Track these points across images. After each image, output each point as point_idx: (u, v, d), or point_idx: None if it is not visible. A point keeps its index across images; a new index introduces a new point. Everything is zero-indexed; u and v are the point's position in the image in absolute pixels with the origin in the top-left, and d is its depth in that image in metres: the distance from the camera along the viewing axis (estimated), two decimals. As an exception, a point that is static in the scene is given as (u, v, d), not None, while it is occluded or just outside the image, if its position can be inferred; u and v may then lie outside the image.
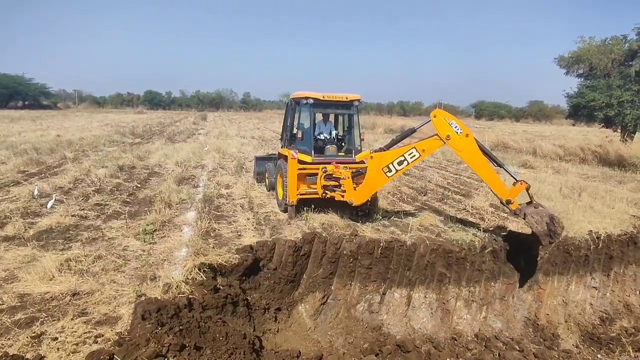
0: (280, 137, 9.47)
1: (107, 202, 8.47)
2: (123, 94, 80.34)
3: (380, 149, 7.28)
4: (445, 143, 6.76)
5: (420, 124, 7.61)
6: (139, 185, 10.19)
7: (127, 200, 8.86)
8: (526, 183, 6.79)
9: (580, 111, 20.57)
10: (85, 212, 7.76)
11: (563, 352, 6.76)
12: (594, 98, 19.26)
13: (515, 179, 6.88)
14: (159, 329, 3.67)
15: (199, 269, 5.21)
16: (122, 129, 24.95)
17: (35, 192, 8.50)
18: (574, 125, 22.50)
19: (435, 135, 6.86)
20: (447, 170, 14.55)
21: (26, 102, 61.50)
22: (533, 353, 6.55)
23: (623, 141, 19.61)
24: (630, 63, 19.37)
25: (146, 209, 8.15)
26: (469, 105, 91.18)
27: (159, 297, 4.48)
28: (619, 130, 20.95)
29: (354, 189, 7.38)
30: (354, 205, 7.45)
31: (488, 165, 6.85)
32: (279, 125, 9.72)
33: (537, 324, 7.24)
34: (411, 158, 6.97)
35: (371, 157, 7.19)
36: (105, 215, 7.65)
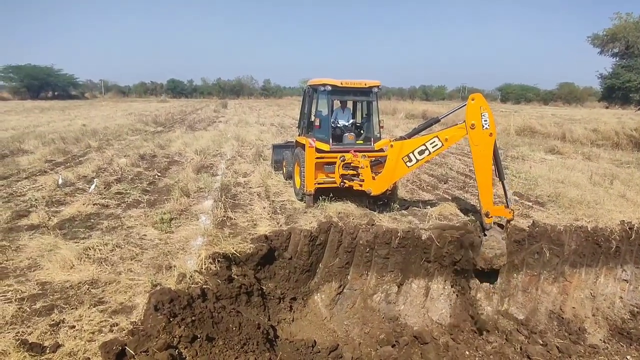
0: (297, 124, 9.35)
1: (128, 191, 8.62)
2: (147, 83, 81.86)
3: (402, 138, 7.04)
4: (467, 132, 6.45)
5: (447, 112, 7.37)
6: (159, 174, 10.34)
7: (147, 189, 9.00)
8: (513, 213, 6.64)
9: (614, 93, 19.48)
10: (106, 200, 7.93)
11: (589, 347, 6.50)
12: (629, 79, 18.18)
13: (508, 204, 6.62)
14: (171, 320, 3.69)
15: (214, 259, 5.22)
16: (145, 118, 25.40)
17: (60, 181, 8.74)
18: (607, 108, 21.32)
19: (462, 122, 6.55)
20: (469, 157, 14.07)
21: (56, 93, 63.51)
22: (557, 347, 6.33)
23: (661, 124, 18.47)
24: (672, 40, 18.10)
25: (165, 197, 8.25)
26: (495, 89, 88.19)
27: (173, 288, 4.51)
28: (657, 113, 19.75)
29: (373, 178, 7.22)
30: (372, 194, 7.30)
31: (489, 173, 6.57)
32: (297, 112, 9.61)
33: (562, 318, 6.97)
34: (433, 147, 6.68)
35: (391, 145, 6.97)
36: (125, 204, 7.79)
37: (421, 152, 6.72)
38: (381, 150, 7.98)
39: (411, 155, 6.76)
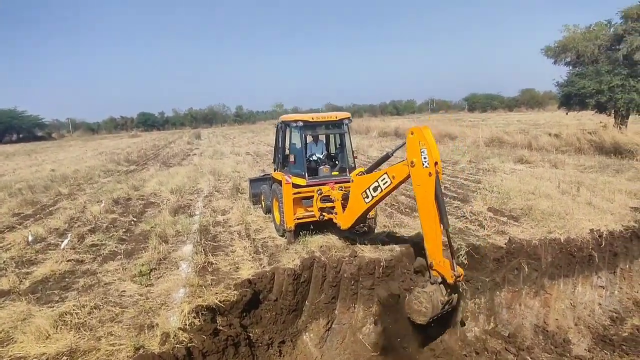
0: (272, 159, 9.40)
1: (103, 242, 8.38)
2: (116, 118, 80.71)
3: (362, 173, 6.81)
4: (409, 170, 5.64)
5: (395, 147, 6.64)
6: (135, 219, 10.11)
7: (123, 237, 8.77)
8: (457, 278, 5.39)
9: (572, 100, 20.53)
10: (80, 255, 7.67)
11: (575, 358, 6.63)
12: (584, 85, 19.22)
13: (453, 266, 5.38)
14: (157, 390, 3.57)
15: (197, 313, 5.11)
16: (116, 157, 24.93)
17: (30, 238, 8.41)
18: (567, 114, 22.42)
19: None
20: (443, 173, 14.43)
21: (21, 135, 61.67)
22: (545, 362, 6.44)
23: (617, 126, 19.56)
24: (618, 47, 19.36)
25: (142, 246, 8.05)
26: (462, 99, 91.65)
27: (157, 350, 4.38)
28: (612, 115, 20.91)
29: (343, 211, 7.23)
30: (341, 229, 7.30)
31: (435, 218, 5.37)
32: (272, 138, 9.67)
33: (547, 331, 7.12)
34: (384, 184, 6.11)
35: (351, 180, 6.94)
36: (101, 257, 7.56)
37: (375, 189, 6.29)
38: (358, 179, 8.08)
39: (367, 191, 6.38)
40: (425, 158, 5.30)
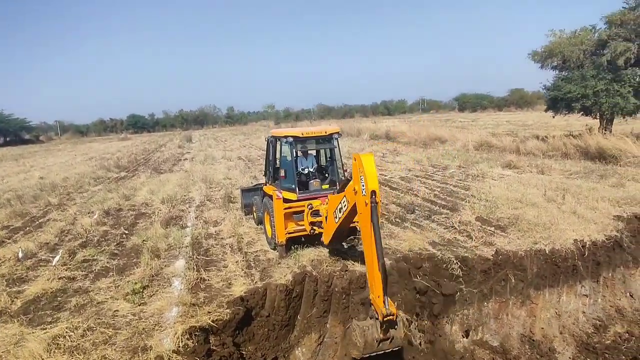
0: (264, 172, 9.48)
1: (95, 257, 8.38)
2: (106, 120, 79.61)
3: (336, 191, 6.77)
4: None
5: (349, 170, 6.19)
6: (127, 232, 10.10)
7: (115, 251, 8.78)
8: (388, 320, 4.93)
9: (558, 103, 20.89)
10: (72, 272, 7.67)
11: (560, 366, 6.85)
12: (570, 90, 19.57)
13: (386, 306, 4.87)
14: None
15: (190, 334, 5.18)
16: (106, 162, 24.72)
17: (20, 255, 8.38)
18: (554, 117, 22.82)
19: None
20: (433, 179, 14.68)
21: (7, 139, 60.67)
22: (531, 372, 6.63)
23: (602, 130, 19.96)
24: (602, 52, 19.75)
25: (135, 261, 8.08)
26: (452, 99, 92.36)
27: (151, 375, 4.45)
28: (598, 118, 21.33)
29: None
30: (325, 244, 7.43)
31: (374, 251, 5.00)
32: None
33: (533, 340, 7.32)
34: (344, 207, 6.02)
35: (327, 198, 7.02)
36: (93, 274, 7.57)
37: (340, 210, 6.22)
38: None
39: (336, 211, 6.37)
40: (363, 186, 5.11)
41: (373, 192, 4.96)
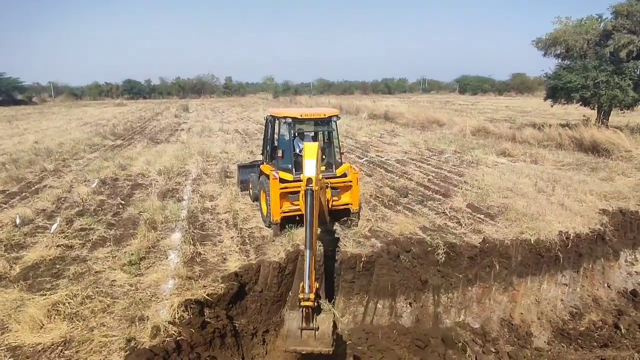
0: (261, 151, 9.56)
1: (92, 226, 8.52)
2: (101, 84, 78.11)
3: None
4: None
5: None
6: (123, 202, 10.22)
7: (112, 221, 8.92)
8: (301, 305, 4.81)
9: (557, 93, 20.88)
10: (70, 240, 7.82)
11: (535, 350, 7.24)
12: (570, 80, 19.54)
13: (305, 292, 4.83)
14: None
15: (186, 307, 5.41)
16: (102, 129, 24.53)
17: (18, 221, 8.49)
18: (552, 106, 22.84)
19: None
20: (428, 163, 14.83)
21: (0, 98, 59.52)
22: (507, 353, 7.01)
23: (598, 122, 20.08)
24: (606, 43, 19.61)
25: (131, 231, 8.25)
26: (453, 80, 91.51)
27: (148, 344, 4.69)
28: (596, 109, 21.41)
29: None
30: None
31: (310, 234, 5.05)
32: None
33: (512, 324, 7.70)
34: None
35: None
36: (90, 243, 7.73)
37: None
38: (344, 175, 8.35)
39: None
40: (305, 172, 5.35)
41: (309, 180, 5.22)
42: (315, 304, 4.91)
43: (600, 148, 15.15)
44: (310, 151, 5.53)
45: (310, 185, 5.21)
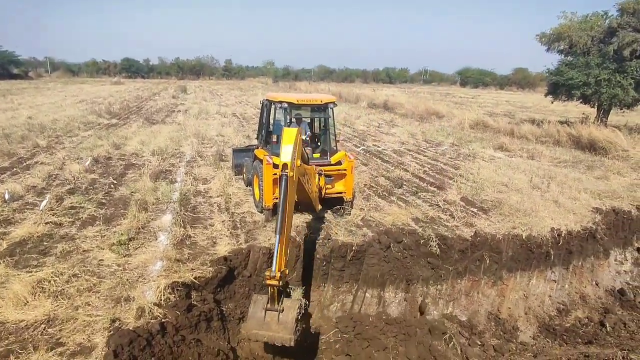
0: (256, 135, 9.44)
1: (82, 205, 8.43)
2: (99, 62, 76.98)
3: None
4: None
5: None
6: (115, 182, 10.11)
7: (103, 200, 8.83)
8: (266, 284, 4.84)
9: (558, 89, 20.75)
10: (59, 218, 7.73)
11: (520, 344, 7.28)
12: (572, 76, 19.40)
13: (272, 271, 4.77)
14: (130, 366, 3.86)
15: (172, 289, 5.38)
16: (97, 107, 24.20)
17: (6, 196, 8.38)
18: (552, 103, 22.74)
19: None
20: (425, 155, 14.76)
21: (-5, 72, 58.51)
22: (493, 346, 7.06)
23: (598, 120, 20.02)
24: (610, 41, 19.41)
25: (122, 211, 8.16)
26: (455, 72, 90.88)
27: (132, 325, 4.66)
28: (595, 107, 21.33)
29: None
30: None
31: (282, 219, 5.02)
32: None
33: (499, 318, 7.75)
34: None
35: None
36: (80, 222, 7.65)
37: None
38: (338, 163, 8.27)
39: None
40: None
41: (284, 165, 5.19)
42: (282, 284, 4.84)
43: (598, 146, 15.12)
44: (288, 136, 5.42)
45: (286, 171, 5.15)
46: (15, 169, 10.85)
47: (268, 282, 4.74)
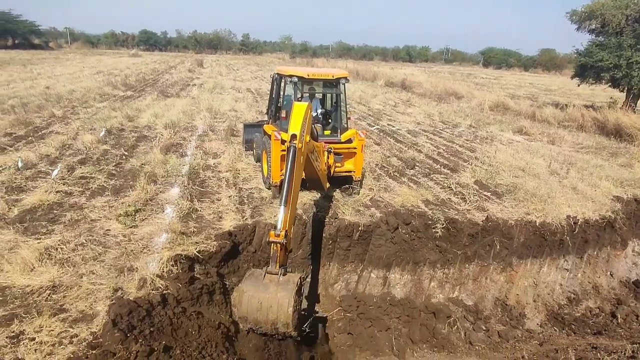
0: (266, 110, 9.27)
1: (93, 175, 8.50)
2: (117, 33, 77.02)
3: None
4: None
5: None
6: (126, 154, 10.15)
7: (113, 172, 8.88)
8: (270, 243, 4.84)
9: (587, 71, 19.77)
10: (69, 187, 7.82)
11: (526, 331, 7.17)
12: (602, 58, 18.41)
13: (276, 232, 4.77)
14: (129, 335, 3.89)
15: (175, 261, 5.39)
16: (114, 79, 24.26)
17: (20, 164, 8.50)
18: (579, 85, 21.73)
19: None
20: (440, 136, 14.37)
21: (16, 41, 59.18)
22: (497, 332, 6.96)
23: (626, 105, 19.06)
24: (646, 20, 18.25)
25: (131, 183, 8.20)
26: (478, 52, 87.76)
27: (133, 295, 4.70)
28: (625, 92, 20.30)
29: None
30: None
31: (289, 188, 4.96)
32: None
33: (506, 304, 7.60)
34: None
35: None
36: (89, 192, 7.72)
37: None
38: (349, 141, 8.07)
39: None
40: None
41: (293, 136, 5.10)
42: (285, 242, 4.74)
43: (624, 133, 14.43)
44: (298, 110, 5.39)
45: (294, 142, 5.06)
46: (30, 138, 11.00)
47: (272, 239, 4.68)
